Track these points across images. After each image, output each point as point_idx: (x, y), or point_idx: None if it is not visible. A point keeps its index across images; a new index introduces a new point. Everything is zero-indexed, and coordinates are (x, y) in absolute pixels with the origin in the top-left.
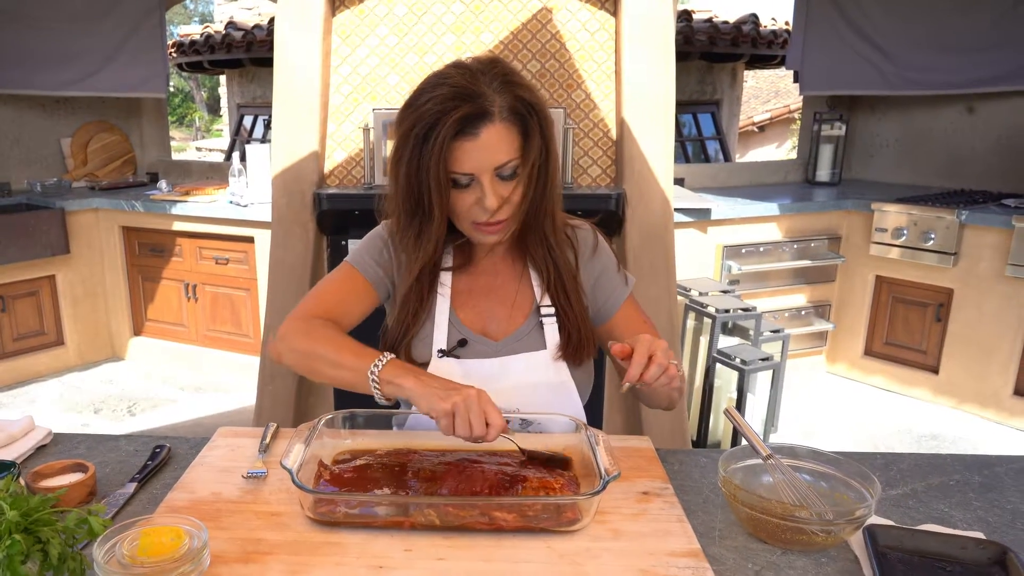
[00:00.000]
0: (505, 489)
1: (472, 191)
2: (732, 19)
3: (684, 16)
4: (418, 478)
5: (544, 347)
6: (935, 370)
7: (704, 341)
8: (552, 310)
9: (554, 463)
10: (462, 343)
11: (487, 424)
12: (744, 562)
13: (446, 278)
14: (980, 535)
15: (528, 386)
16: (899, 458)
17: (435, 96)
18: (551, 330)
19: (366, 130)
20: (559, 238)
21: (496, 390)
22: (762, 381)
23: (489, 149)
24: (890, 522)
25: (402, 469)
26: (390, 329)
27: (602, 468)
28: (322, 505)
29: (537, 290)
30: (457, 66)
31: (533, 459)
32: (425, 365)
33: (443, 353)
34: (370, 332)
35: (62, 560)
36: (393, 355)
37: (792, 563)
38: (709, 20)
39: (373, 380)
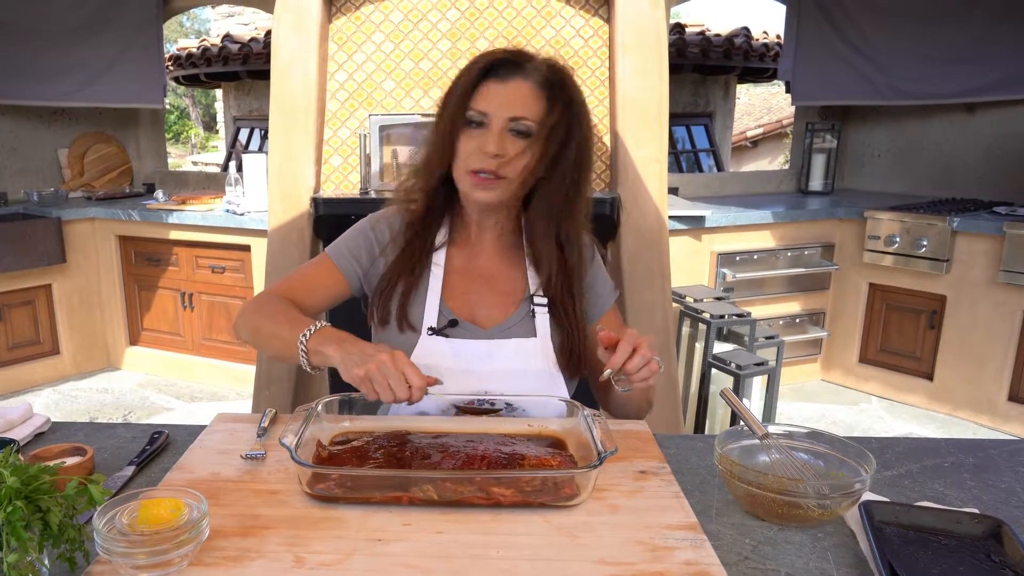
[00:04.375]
0: (502, 467)
1: (479, 134)
2: (724, 32)
3: (676, 29)
4: (416, 457)
5: (534, 335)
6: (929, 377)
7: (699, 347)
8: (544, 300)
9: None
10: (452, 323)
11: (409, 385)
12: (741, 538)
13: (439, 257)
14: (975, 511)
15: (517, 372)
16: (894, 442)
17: (481, 56)
18: (542, 320)
19: (363, 136)
20: (576, 242)
21: (485, 372)
22: (758, 386)
23: (511, 97)
24: (886, 499)
25: (400, 449)
26: (376, 291)
27: (599, 444)
28: (321, 481)
29: (532, 281)
30: None
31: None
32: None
33: (432, 331)
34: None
35: (62, 529)
36: (327, 324)
37: (789, 538)
38: (701, 33)
39: (302, 349)
